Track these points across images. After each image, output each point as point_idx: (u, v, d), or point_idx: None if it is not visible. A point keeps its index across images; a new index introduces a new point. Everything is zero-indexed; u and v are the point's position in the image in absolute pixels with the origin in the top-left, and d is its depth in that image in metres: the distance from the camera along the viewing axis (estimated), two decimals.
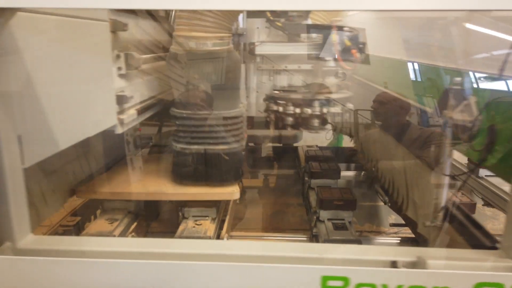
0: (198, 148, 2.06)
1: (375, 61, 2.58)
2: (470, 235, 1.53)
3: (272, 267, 1.10)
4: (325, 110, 2.24)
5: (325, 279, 1.08)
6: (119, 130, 1.87)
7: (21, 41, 1.17)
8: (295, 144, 3.33)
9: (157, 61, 2.41)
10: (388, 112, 2.54)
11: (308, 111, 2.23)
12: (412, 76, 2.57)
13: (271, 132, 2.50)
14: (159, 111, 2.36)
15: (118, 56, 1.87)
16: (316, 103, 2.23)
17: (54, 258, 1.16)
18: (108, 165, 2.50)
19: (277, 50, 2.49)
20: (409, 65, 2.57)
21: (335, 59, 2.26)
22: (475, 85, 2.12)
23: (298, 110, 2.28)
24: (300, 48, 2.39)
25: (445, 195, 1.62)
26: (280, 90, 2.48)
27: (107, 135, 1.80)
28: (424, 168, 2.11)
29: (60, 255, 1.22)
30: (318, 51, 2.28)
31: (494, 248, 1.38)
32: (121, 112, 1.88)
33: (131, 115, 1.95)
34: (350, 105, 2.34)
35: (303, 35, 2.40)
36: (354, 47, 2.14)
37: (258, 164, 3.38)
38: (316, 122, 2.30)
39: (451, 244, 1.55)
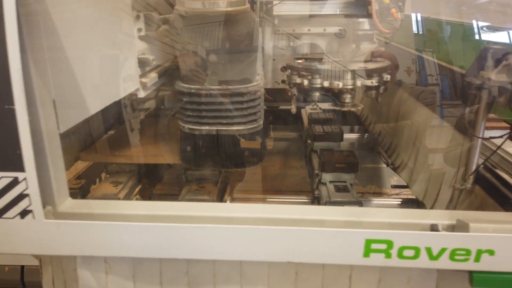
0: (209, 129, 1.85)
1: None
2: (501, 196, 1.52)
3: (318, 231, 1.10)
4: (358, 83, 1.86)
5: (368, 242, 1.09)
6: (142, 94, 1.84)
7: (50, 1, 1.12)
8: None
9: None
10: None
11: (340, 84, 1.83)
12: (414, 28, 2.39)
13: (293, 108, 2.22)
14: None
15: (138, 17, 1.80)
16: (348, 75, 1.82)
17: (98, 222, 1.17)
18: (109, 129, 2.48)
19: (298, 10, 2.16)
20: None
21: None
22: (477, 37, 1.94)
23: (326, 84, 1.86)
24: (326, 8, 2.09)
25: (476, 157, 1.60)
26: (303, 58, 2.12)
27: None
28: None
29: (99, 218, 1.23)
30: (348, 11, 1.98)
31: None
32: (143, 75, 1.85)
33: (152, 78, 1.91)
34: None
35: None
36: (394, 5, 1.80)
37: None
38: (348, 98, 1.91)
39: (481, 207, 1.55)
